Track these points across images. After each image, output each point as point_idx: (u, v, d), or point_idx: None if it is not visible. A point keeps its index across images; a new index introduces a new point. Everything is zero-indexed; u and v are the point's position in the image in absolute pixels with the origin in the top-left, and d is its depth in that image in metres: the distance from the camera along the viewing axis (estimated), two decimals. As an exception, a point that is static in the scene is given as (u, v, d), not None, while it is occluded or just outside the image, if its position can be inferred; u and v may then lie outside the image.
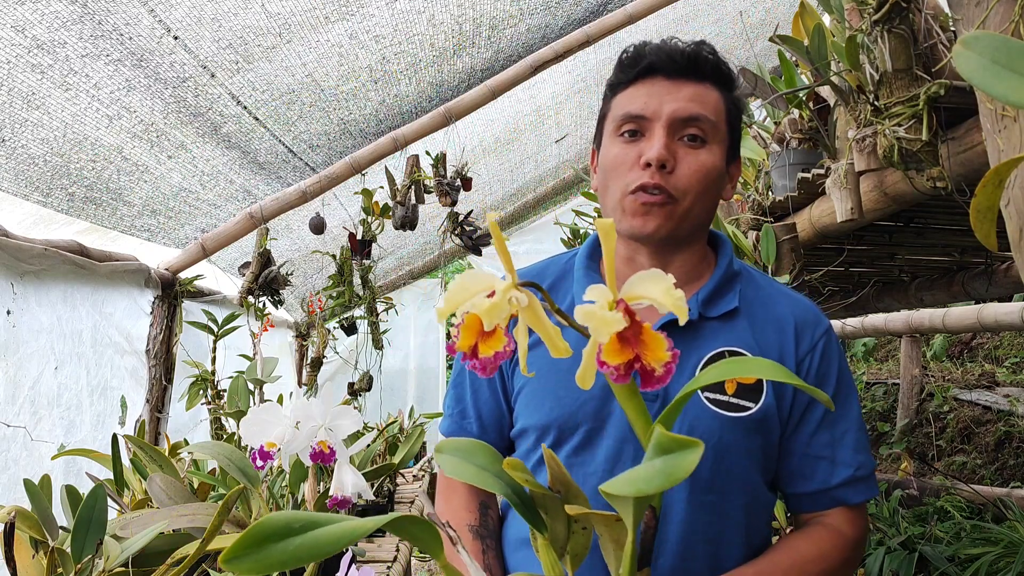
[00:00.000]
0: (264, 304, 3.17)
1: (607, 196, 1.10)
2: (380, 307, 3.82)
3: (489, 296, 0.65)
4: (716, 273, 1.12)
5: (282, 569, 0.55)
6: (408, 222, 3.23)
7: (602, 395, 1.06)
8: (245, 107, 2.49)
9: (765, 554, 1.05)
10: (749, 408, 1.04)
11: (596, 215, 3.20)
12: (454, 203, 3.33)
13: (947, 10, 1.41)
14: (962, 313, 4.07)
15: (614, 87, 1.13)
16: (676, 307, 0.62)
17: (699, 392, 1.04)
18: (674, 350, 0.61)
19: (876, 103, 1.52)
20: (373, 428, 3.04)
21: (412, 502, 3.17)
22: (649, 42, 1.10)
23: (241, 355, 2.92)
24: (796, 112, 2.15)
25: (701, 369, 1.05)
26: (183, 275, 2.91)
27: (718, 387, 1.04)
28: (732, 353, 1.06)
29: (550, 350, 0.68)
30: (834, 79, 1.74)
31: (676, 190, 1.04)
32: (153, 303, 2.77)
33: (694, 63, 1.06)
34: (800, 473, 1.08)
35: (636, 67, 1.08)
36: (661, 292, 0.63)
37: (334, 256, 3.49)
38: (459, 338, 0.65)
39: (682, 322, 0.62)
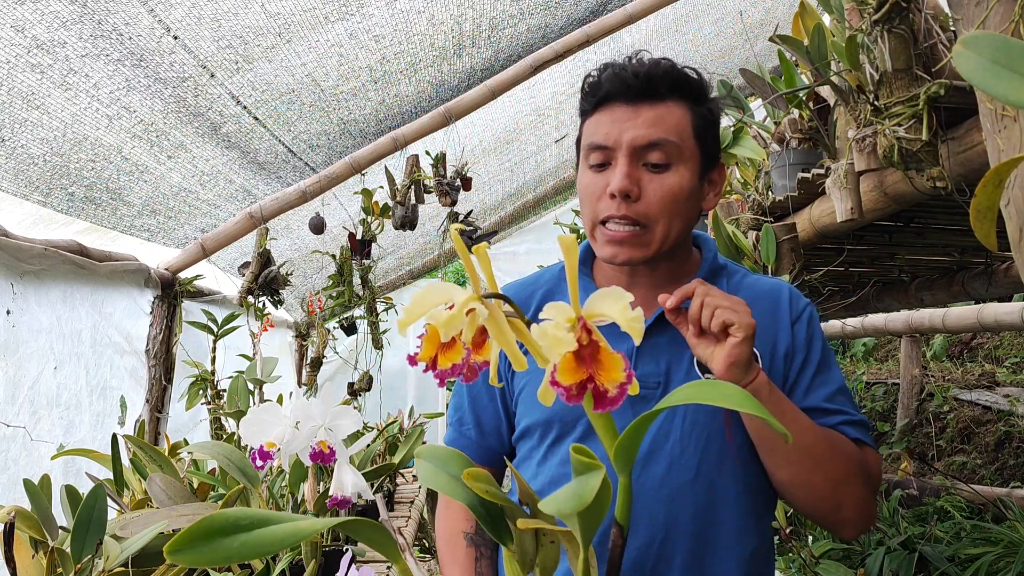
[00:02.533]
0: (264, 304, 3.17)
1: (585, 220, 1.15)
2: (380, 307, 3.82)
3: (449, 308, 0.65)
4: (703, 268, 1.18)
5: (226, 563, 0.55)
6: (408, 222, 3.23)
7: None
8: (245, 107, 2.49)
9: None
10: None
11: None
12: (454, 203, 3.33)
13: (947, 10, 1.41)
14: (962, 313, 4.07)
15: (583, 113, 1.16)
16: (631, 328, 0.61)
17: (699, 373, 1.08)
18: (630, 370, 0.60)
19: (876, 103, 1.52)
20: (373, 428, 3.04)
21: (412, 502, 3.17)
22: (612, 64, 1.11)
23: (241, 355, 2.92)
24: (796, 112, 2.15)
25: (698, 360, 1.09)
26: (183, 275, 2.91)
27: None
28: None
29: (512, 363, 0.68)
30: (834, 79, 1.74)
31: (644, 217, 1.06)
32: (153, 303, 2.76)
33: (650, 84, 1.07)
34: None
35: (596, 96, 1.11)
36: (618, 311, 0.62)
37: (334, 256, 3.49)
38: (420, 349, 0.65)
39: (637, 342, 0.62)
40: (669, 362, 1.09)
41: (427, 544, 3.41)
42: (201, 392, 2.78)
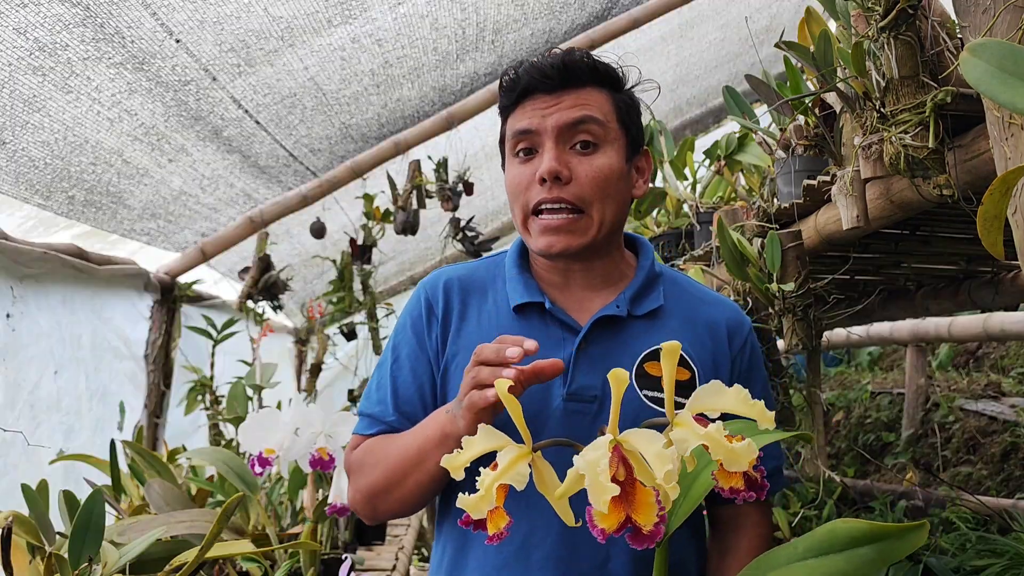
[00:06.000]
0: (263, 309, 3.16)
1: (516, 215, 1.11)
2: (380, 313, 3.81)
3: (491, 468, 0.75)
4: (640, 274, 1.15)
5: None
6: (409, 227, 3.23)
7: (541, 397, 1.05)
8: (246, 111, 2.49)
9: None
10: (684, 403, 1.06)
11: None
12: (456, 208, 3.33)
13: (954, 17, 1.39)
14: (968, 322, 4.04)
15: (503, 111, 1.14)
16: (666, 476, 0.64)
17: (638, 391, 1.05)
18: (663, 513, 0.64)
19: (882, 110, 1.51)
20: (374, 434, 3.02)
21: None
22: (525, 61, 1.11)
23: (240, 360, 2.91)
24: (801, 118, 2.14)
25: (638, 365, 1.07)
26: (182, 279, 2.90)
27: (655, 385, 1.06)
28: None
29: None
30: (840, 85, 1.73)
31: (579, 199, 1.04)
32: (152, 308, 2.76)
33: (568, 72, 1.06)
34: None
35: (515, 91, 1.09)
36: (653, 455, 0.65)
37: (334, 261, 3.49)
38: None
39: (672, 496, 0.65)
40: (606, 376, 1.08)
41: (426, 552, 3.39)
42: (200, 398, 2.78)
